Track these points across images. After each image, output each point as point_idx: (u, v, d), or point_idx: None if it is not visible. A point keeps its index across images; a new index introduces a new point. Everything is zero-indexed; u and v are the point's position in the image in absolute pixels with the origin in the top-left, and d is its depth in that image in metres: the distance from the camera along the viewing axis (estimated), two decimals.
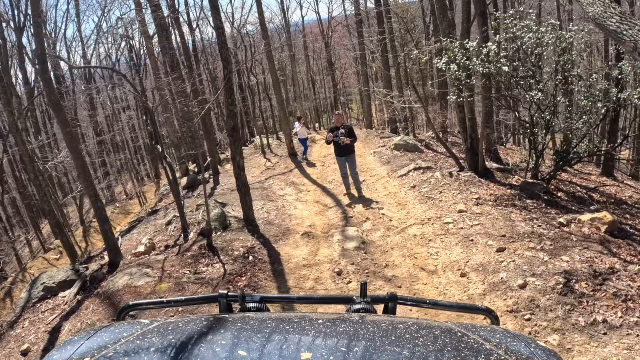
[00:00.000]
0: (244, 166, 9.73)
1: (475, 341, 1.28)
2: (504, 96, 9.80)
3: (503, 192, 9.81)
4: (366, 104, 27.43)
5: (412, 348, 1.20)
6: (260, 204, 11.58)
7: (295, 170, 16.13)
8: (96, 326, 1.57)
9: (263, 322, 1.36)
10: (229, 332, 1.28)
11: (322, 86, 43.95)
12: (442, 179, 11.00)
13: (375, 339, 1.25)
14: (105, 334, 1.35)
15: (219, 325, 1.34)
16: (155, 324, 1.39)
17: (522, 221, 8.22)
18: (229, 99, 9.28)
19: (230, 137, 9.55)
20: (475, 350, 1.21)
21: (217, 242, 8.64)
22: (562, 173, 12.18)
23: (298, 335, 1.27)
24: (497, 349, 1.24)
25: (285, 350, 1.17)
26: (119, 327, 1.40)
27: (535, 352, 1.30)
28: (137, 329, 1.36)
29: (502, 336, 1.39)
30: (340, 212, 10.33)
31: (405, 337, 1.27)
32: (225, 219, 9.92)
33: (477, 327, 1.45)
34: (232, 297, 1.76)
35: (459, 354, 1.17)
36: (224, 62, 9.34)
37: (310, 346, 1.19)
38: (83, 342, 1.30)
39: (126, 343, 1.24)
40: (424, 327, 1.35)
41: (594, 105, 9.85)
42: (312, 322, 1.36)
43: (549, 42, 9.32)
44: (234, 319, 1.40)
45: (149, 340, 1.24)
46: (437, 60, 9.86)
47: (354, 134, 10.50)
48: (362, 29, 24.37)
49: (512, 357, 1.22)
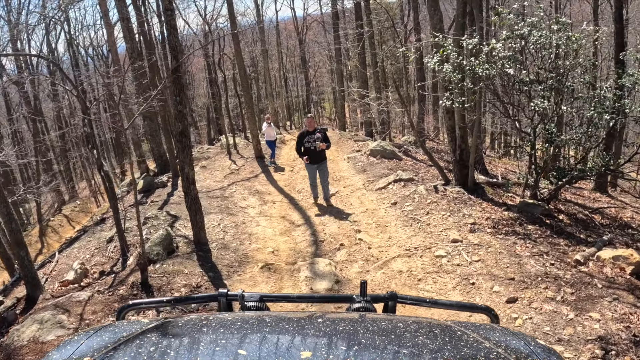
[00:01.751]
0: (194, 178, 7.85)
1: (475, 339, 1.24)
2: (505, 103, 8.16)
3: (501, 216, 8.18)
4: (340, 105, 25.58)
5: (412, 347, 1.16)
6: (218, 218, 9.72)
7: (262, 175, 14.27)
8: (96, 326, 1.45)
9: (263, 321, 1.34)
10: (228, 331, 1.25)
11: (295, 84, 42.04)
12: (427, 194, 9.32)
13: (375, 338, 1.21)
14: (104, 333, 1.31)
15: (218, 324, 1.30)
16: (154, 323, 1.36)
17: (531, 257, 6.58)
18: (177, 97, 7.40)
19: (178, 143, 7.67)
20: (475, 349, 1.17)
21: (156, 277, 6.79)
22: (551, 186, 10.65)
23: (298, 334, 1.23)
24: (496, 347, 1.20)
25: (285, 349, 1.13)
26: (119, 327, 1.36)
27: (535, 351, 1.25)
28: (136, 328, 1.32)
29: (502, 334, 1.35)
30: (309, 233, 8.55)
31: (405, 336, 1.24)
32: (171, 242, 8.05)
33: (477, 326, 1.42)
34: (232, 296, 1.70)
35: (458, 352, 1.13)
36: (172, 51, 7.43)
37: (310, 345, 1.15)
38: (83, 341, 1.26)
39: (126, 342, 1.20)
40: (423, 326, 1.31)
41: (601, 116, 8.30)
42: (312, 321, 1.32)
43: (560, 44, 7.71)
44: (234, 318, 1.37)
45: (148, 339, 1.20)
46: (429, 60, 8.14)
47: (328, 139, 9.41)
48: (338, 23, 22.56)
49: (512, 355, 1.18)
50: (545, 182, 8.99)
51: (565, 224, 8.55)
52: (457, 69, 7.78)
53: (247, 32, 39.39)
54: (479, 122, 9.17)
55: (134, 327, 1.34)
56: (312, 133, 9.28)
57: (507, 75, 7.58)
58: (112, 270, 8.18)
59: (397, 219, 8.55)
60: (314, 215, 9.56)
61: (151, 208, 11.93)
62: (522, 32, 7.37)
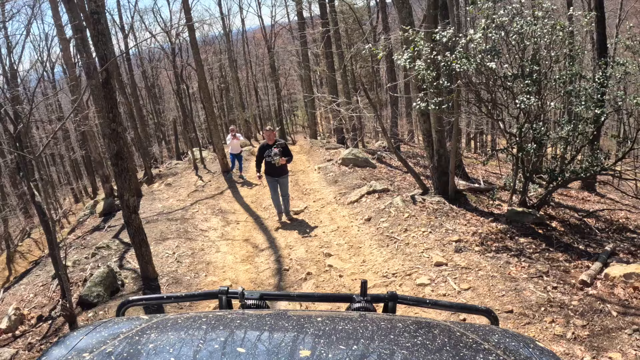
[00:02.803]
0: (136, 207, 6.64)
1: (474, 341, 1.21)
2: (486, 102, 7.13)
3: (488, 229, 7.14)
4: (310, 112, 24.45)
5: (411, 347, 1.14)
6: (174, 245, 8.52)
7: (228, 191, 13.07)
8: (95, 322, 1.38)
9: (262, 319, 1.30)
10: (228, 328, 1.22)
11: (265, 93, 40.81)
12: (404, 207, 8.25)
13: (375, 338, 1.18)
14: (104, 329, 1.28)
15: (218, 321, 1.27)
16: (154, 319, 1.32)
17: (529, 280, 5.54)
18: (109, 114, 6.21)
19: (114, 167, 6.45)
20: (474, 350, 1.14)
21: None
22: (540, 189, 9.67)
23: (297, 333, 1.20)
24: (495, 349, 1.17)
25: (284, 348, 1.10)
26: (118, 323, 1.33)
27: (534, 353, 1.21)
28: (136, 324, 1.29)
29: (501, 336, 1.30)
30: (273, 260, 7.40)
31: (405, 336, 1.21)
32: (114, 280, 6.83)
33: (476, 327, 1.36)
34: (232, 293, 1.66)
35: (457, 353, 1.11)
36: (102, 61, 6.24)
37: (309, 344, 1.12)
38: (82, 337, 1.23)
39: (125, 339, 1.17)
40: (423, 326, 1.29)
41: (589, 111, 7.37)
42: (311, 320, 1.27)
43: (544, 32, 6.73)
44: (234, 315, 1.33)
45: (148, 335, 1.18)
46: (398, 57, 7.07)
47: (289, 152, 8.82)
48: (305, 26, 21.49)
49: (511, 357, 1.14)
50: (534, 187, 7.99)
51: (560, 233, 7.55)
52: (431, 65, 6.73)
53: (214, 41, 38.17)
54: (457, 124, 8.13)
55: (134, 324, 1.29)
56: (271, 147, 8.63)
57: (488, 70, 6.54)
58: (50, 315, 6.95)
59: (371, 238, 7.44)
60: (280, 237, 8.43)
61: (107, 234, 10.68)
62: (502, 21, 6.35)
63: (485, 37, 6.41)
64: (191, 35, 15.73)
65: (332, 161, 14.10)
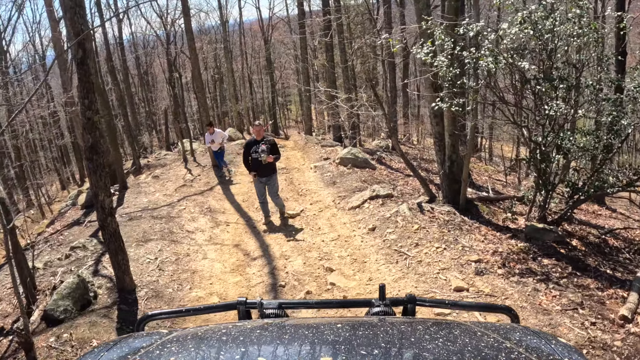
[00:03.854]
0: (113, 209, 5.75)
1: (496, 340, 1.17)
2: (514, 105, 6.34)
3: (508, 247, 6.36)
4: (306, 107, 23.53)
5: (432, 349, 1.08)
6: (157, 249, 7.66)
7: (217, 188, 12.19)
8: (115, 337, 1.36)
9: (282, 328, 1.28)
10: (248, 339, 1.19)
11: (260, 86, 39.81)
12: (412, 216, 7.46)
13: (395, 341, 1.16)
14: (124, 345, 1.25)
15: (238, 332, 1.23)
16: (174, 333, 1.30)
17: (563, 313, 4.77)
18: (84, 99, 5.32)
19: (88, 162, 5.56)
20: (496, 349, 1.10)
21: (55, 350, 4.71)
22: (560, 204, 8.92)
23: (318, 340, 1.15)
24: (517, 347, 1.13)
25: (305, 355, 1.06)
26: (138, 338, 1.30)
27: (557, 349, 1.17)
28: (156, 339, 1.26)
29: (522, 334, 1.26)
30: (267, 271, 6.56)
31: (426, 339, 1.16)
32: (85, 291, 5.94)
33: (497, 326, 1.33)
34: (250, 304, 1.62)
35: (479, 354, 1.07)
36: (77, 37, 5.34)
37: (330, 350, 1.08)
38: (103, 354, 1.20)
39: (146, 354, 1.14)
40: (444, 328, 1.24)
41: (622, 120, 6.61)
42: (331, 327, 1.23)
43: (580, 33, 5.93)
44: (253, 326, 1.31)
45: (168, 350, 1.14)
46: (417, 51, 6.24)
47: (277, 150, 8.18)
48: (304, 19, 20.57)
49: (533, 354, 1.10)
50: (554, 201, 7.23)
51: (583, 253, 6.81)
52: (455, 62, 5.91)
53: (211, 31, 37.06)
54: (474, 128, 7.33)
55: (154, 338, 1.26)
56: (259, 143, 7.99)
57: (518, 71, 5.74)
58: (12, 328, 6.04)
59: (377, 252, 6.63)
60: (274, 244, 7.59)
61: (87, 231, 9.77)
62: (540, 16, 5.54)
63: (522, 31, 5.60)
64: (186, 20, 14.80)
65: (329, 160, 13.26)
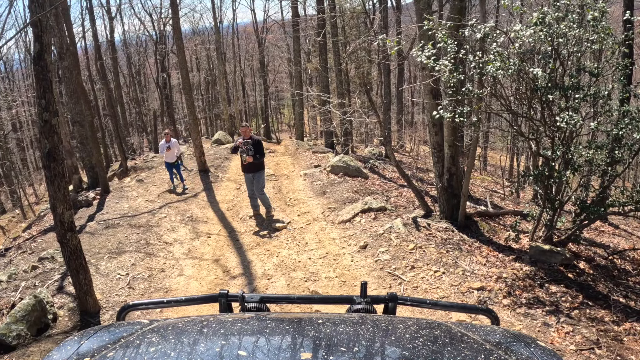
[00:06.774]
0: (72, 223, 5.04)
1: (475, 341, 1.16)
2: (521, 116, 5.72)
3: (513, 271, 5.72)
4: (298, 112, 22.86)
5: (412, 348, 1.08)
6: (130, 262, 6.97)
7: (202, 194, 11.49)
8: (96, 326, 1.31)
9: (263, 322, 1.25)
10: (228, 332, 1.15)
11: (253, 89, 39.11)
12: (407, 233, 6.81)
13: (376, 339, 1.14)
14: (105, 333, 1.23)
15: (218, 325, 1.20)
16: (155, 324, 1.27)
17: (578, 353, 4.14)
18: (41, 99, 4.63)
19: (46, 170, 4.86)
20: (475, 350, 1.09)
21: None
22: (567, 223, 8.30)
23: (298, 336, 1.13)
24: (497, 349, 1.12)
25: (285, 351, 1.04)
26: (119, 327, 1.28)
27: (535, 352, 1.15)
28: (136, 328, 1.24)
29: (502, 336, 1.25)
30: (248, 292, 5.88)
31: (406, 337, 1.16)
32: (43, 314, 5.24)
33: (477, 327, 1.32)
34: (232, 297, 1.57)
35: (459, 354, 1.05)
36: (35, 28, 4.64)
37: (310, 346, 1.05)
38: (83, 342, 1.17)
39: (126, 343, 1.12)
40: (424, 327, 1.23)
41: (633, 134, 6.01)
42: (312, 322, 1.22)
43: (595, 39, 5.32)
44: (234, 319, 1.27)
45: (148, 340, 1.12)
46: (417, 53, 5.59)
47: (261, 150, 8.48)
48: (298, 21, 19.89)
49: (512, 357, 1.09)
50: (561, 220, 6.61)
51: (591, 277, 6.19)
52: (459, 66, 5.28)
53: (204, 32, 36.33)
54: (477, 139, 6.70)
55: (134, 328, 1.25)
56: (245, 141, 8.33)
57: (529, 78, 5.11)
58: None
59: (369, 274, 5.96)
60: (256, 260, 6.91)
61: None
62: (556, 17, 4.92)
63: (537, 34, 4.97)
64: (174, 18, 14.08)
65: (319, 167, 12.60)
